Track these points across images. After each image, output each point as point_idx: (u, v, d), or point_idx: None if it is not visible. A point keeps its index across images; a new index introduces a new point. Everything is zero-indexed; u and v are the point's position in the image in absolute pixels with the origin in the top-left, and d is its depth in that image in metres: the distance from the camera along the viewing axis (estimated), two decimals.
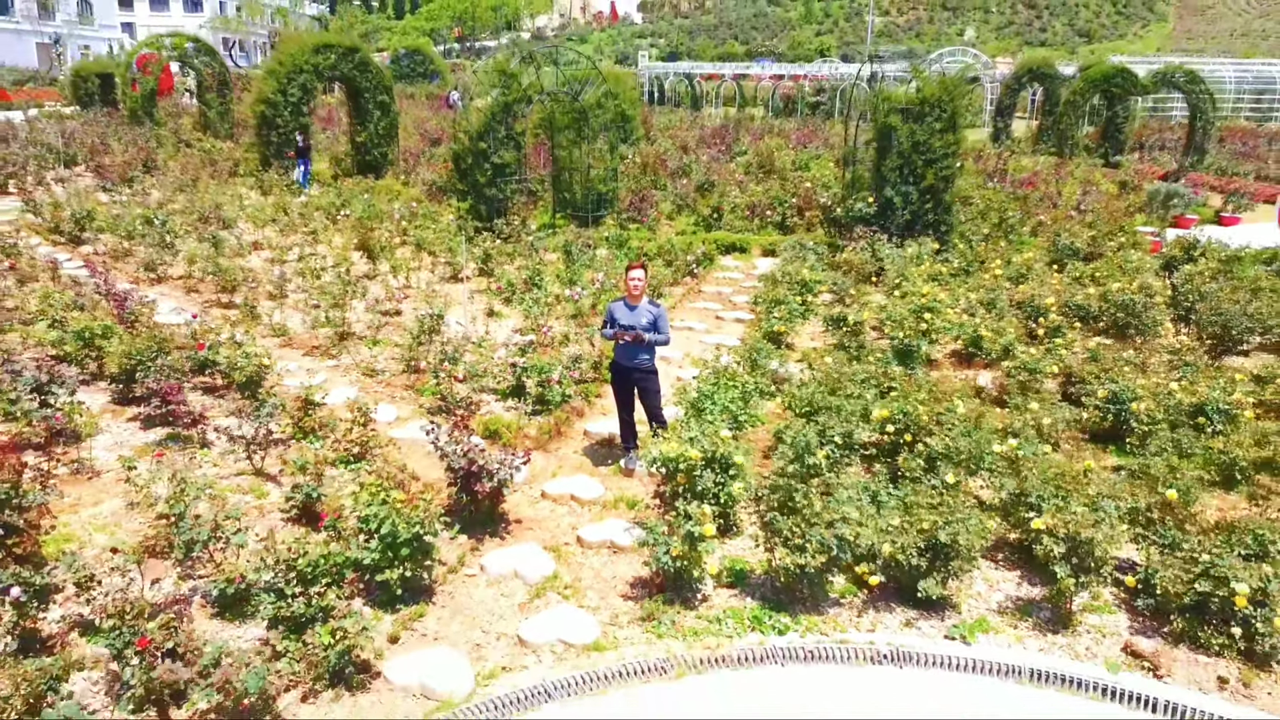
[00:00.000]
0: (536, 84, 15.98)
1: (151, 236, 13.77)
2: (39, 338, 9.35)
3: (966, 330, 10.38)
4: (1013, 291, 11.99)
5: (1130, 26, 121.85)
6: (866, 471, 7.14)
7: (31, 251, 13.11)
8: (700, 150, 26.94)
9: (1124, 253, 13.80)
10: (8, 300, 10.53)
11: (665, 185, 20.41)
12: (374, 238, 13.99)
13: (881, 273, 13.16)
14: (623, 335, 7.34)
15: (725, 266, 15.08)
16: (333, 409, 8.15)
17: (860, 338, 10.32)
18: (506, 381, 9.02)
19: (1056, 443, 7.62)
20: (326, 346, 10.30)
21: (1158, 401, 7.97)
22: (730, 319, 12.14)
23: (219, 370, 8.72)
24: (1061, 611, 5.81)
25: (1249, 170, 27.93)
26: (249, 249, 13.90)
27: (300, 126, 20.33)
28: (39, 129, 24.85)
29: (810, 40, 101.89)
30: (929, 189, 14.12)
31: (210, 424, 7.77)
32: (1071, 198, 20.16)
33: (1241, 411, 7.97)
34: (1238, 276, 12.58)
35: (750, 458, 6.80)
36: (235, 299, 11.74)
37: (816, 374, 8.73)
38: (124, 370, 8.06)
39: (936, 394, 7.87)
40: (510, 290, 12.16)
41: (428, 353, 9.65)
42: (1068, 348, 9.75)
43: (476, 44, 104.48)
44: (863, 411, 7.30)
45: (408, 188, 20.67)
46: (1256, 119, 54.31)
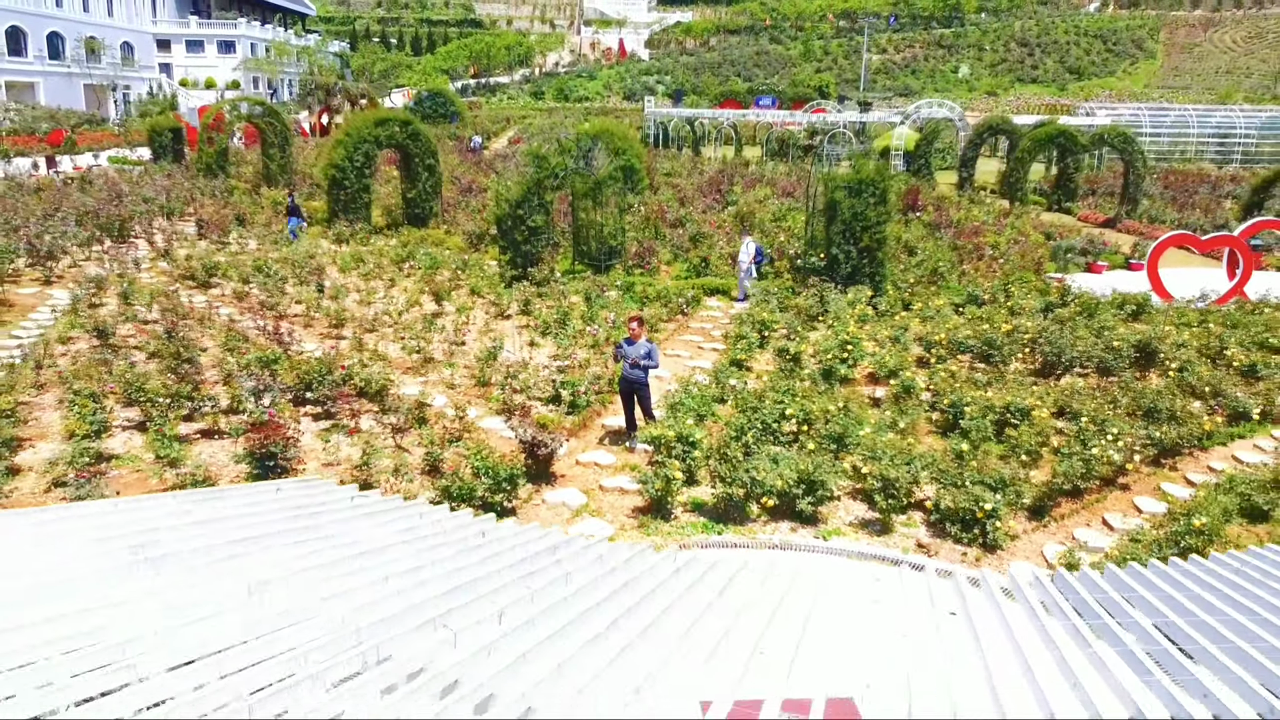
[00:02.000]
0: (562, 163, 20.28)
1: (266, 282, 18.03)
2: (223, 360, 13.53)
3: (875, 358, 14.53)
4: (920, 330, 16.15)
5: (1120, 64, 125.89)
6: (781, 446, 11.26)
7: (189, 297, 17.34)
8: (697, 199, 31.26)
9: (1014, 300, 17.97)
10: (192, 333, 14.73)
11: (665, 235, 24.63)
12: (438, 284, 18.24)
13: (825, 313, 17.33)
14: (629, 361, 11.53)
15: (709, 307, 19.28)
16: (439, 409, 12.32)
17: (800, 363, 14.48)
18: (548, 392, 13.18)
19: (910, 431, 11.74)
20: (416, 367, 14.48)
21: (980, 405, 12.10)
22: (709, 349, 16.32)
23: (354, 383, 12.89)
24: (885, 524, 9.92)
25: (1174, 218, 32.03)
26: (345, 292, 18.11)
27: (290, 185, 25.42)
28: (136, 183, 29.24)
29: (810, 78, 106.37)
30: (865, 248, 18.34)
31: (360, 418, 11.94)
32: (1002, 246, 24.35)
33: (1037, 411, 12.07)
34: (1095, 319, 16.72)
35: (707, 438, 10.94)
36: (344, 332, 15.95)
37: (758, 388, 12.88)
38: (302, 382, 12.25)
39: (839, 401, 12.00)
40: (545, 326, 16.36)
41: (491, 372, 13.83)
42: (946, 371, 13.89)
43: (491, 80, 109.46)
44: (781, 411, 11.44)
45: (450, 235, 24.97)
46: (1219, 161, 58.28)
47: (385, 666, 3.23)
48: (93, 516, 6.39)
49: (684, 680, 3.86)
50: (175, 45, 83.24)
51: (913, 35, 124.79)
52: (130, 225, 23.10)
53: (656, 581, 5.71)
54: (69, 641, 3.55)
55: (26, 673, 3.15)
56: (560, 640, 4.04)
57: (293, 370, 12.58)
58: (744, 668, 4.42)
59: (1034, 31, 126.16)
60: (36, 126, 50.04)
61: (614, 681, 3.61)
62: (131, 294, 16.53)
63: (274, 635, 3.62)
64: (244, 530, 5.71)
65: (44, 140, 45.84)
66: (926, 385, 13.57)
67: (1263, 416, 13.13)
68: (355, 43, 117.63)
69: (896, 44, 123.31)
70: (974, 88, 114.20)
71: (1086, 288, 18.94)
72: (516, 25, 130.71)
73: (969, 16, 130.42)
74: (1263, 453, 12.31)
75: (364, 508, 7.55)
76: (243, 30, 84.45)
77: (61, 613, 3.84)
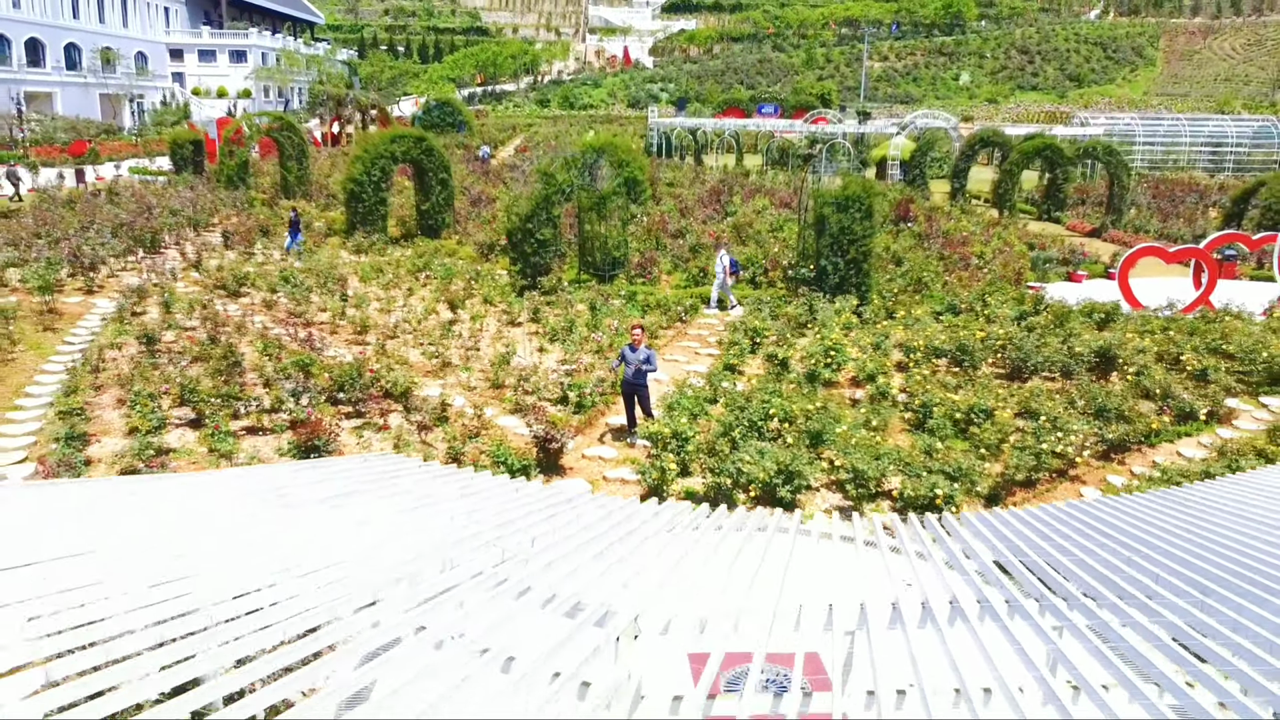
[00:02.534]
0: (569, 180, 21.60)
1: (293, 291, 19.37)
2: (260, 364, 14.86)
3: (857, 363, 15.82)
4: (900, 337, 17.43)
5: (1119, 71, 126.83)
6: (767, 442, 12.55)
7: (223, 306, 18.69)
8: (698, 210, 32.59)
9: (990, 308, 19.25)
10: (230, 340, 16.07)
11: (666, 246, 25.94)
12: (453, 293, 19.57)
13: (814, 321, 18.62)
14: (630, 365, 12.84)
15: (706, 314, 20.57)
16: (459, 409, 13.64)
17: (787, 368, 15.78)
18: (556, 394, 14.49)
19: (882, 429, 13.02)
20: (435, 371, 15.80)
21: (946, 406, 13.38)
22: (705, 354, 17.62)
23: (381, 385, 14.20)
24: (856, 510, 11.21)
25: (1158, 228, 33.25)
26: (367, 301, 19.43)
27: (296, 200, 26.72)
28: (161, 194, 30.64)
29: (812, 86, 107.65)
30: (852, 260, 19.63)
31: (388, 416, 13.25)
32: (988, 256, 25.63)
33: (1000, 412, 13.34)
34: (1065, 326, 17.99)
35: (700, 434, 12.24)
36: (367, 339, 17.28)
37: (746, 389, 14.18)
38: (335, 384, 13.57)
39: (818, 402, 13.29)
40: (554, 333, 17.67)
41: (504, 375, 15.14)
42: (920, 374, 15.17)
43: (497, 88, 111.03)
44: (765, 410, 12.73)
45: (462, 246, 26.32)
46: (1212, 170, 59.42)
47: (454, 572, 4.55)
48: (231, 479, 7.84)
49: (657, 579, 5.21)
50: (188, 55, 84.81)
51: (914, 43, 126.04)
52: (161, 236, 24.46)
53: (641, 522, 7.10)
54: (256, 550, 4.91)
55: (259, 569, 4.45)
56: (574, 555, 5.42)
57: (325, 373, 13.91)
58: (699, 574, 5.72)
59: (1034, 39, 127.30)
60: (57, 137, 51.52)
61: (611, 580, 4.94)
62: (172, 303, 17.87)
63: (376, 554, 4.98)
64: (345, 487, 7.20)
65: (65, 150, 47.32)
66: (902, 388, 14.86)
67: (1209, 416, 14.39)
68: (363, 51, 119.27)
69: (898, 51, 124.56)
70: (974, 95, 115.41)
71: (1061, 297, 20.22)
72: (522, 33, 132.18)
73: (970, 24, 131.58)
74: (1205, 449, 13.57)
75: (429, 472, 9.08)
76: (254, 40, 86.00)
77: (244, 532, 5.29)
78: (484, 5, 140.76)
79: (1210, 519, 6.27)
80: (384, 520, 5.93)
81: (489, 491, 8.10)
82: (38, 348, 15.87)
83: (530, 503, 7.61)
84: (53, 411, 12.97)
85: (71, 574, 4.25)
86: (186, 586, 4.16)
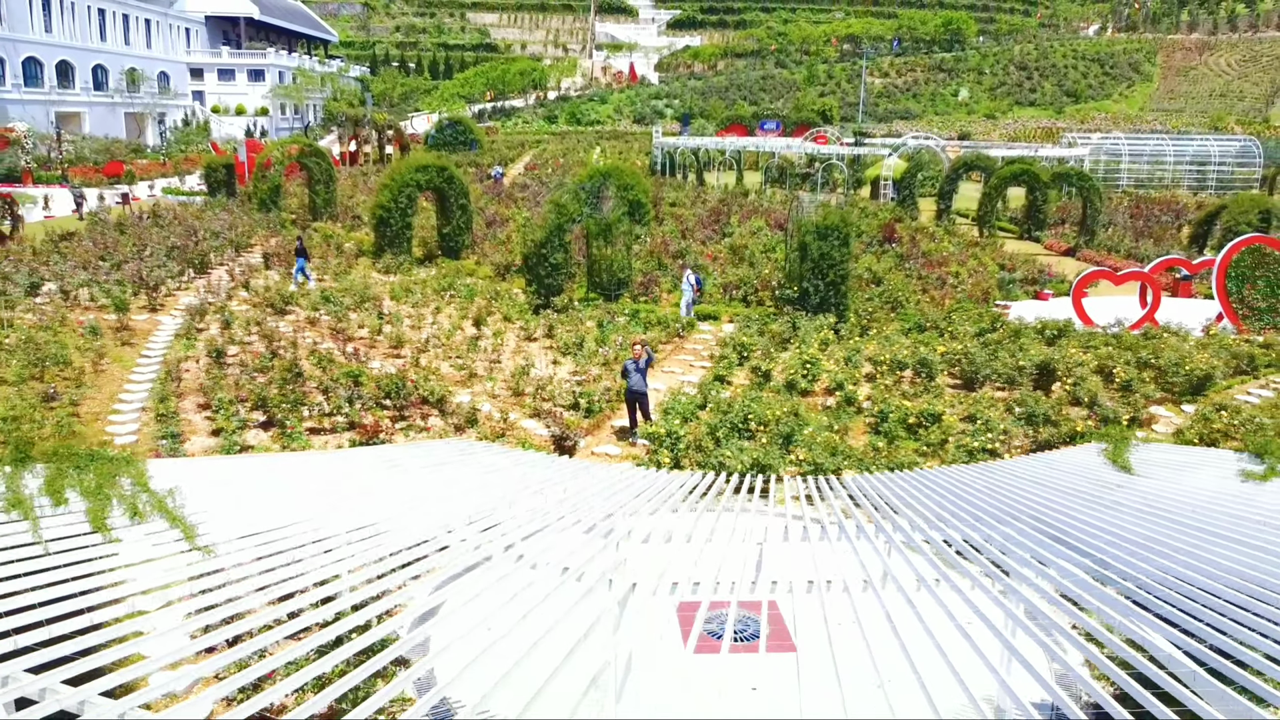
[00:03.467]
0: (578, 210, 24.05)
1: (335, 310, 21.82)
2: (315, 374, 17.28)
3: (831, 375, 18.20)
4: (871, 351, 19.81)
5: (1116, 87, 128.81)
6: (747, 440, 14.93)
7: (274, 322, 21.15)
8: (698, 230, 35.04)
9: (954, 325, 21.62)
10: (287, 354, 18.51)
11: (667, 266, 28.35)
12: (476, 312, 22.02)
13: (796, 337, 21.00)
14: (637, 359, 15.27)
15: (702, 330, 22.98)
16: (487, 413, 16.06)
17: (770, 379, 18.16)
18: (569, 400, 16.89)
19: (844, 431, 15.39)
20: (463, 380, 18.22)
21: (900, 412, 15.76)
22: (699, 366, 20.02)
23: (420, 393, 16.62)
24: (820, 496, 13.57)
25: (1128, 248, 35.57)
26: (399, 318, 21.86)
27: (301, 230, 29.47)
28: (200, 216, 33.21)
29: (813, 102, 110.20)
30: (831, 283, 22.04)
31: (428, 419, 15.67)
32: (963, 276, 28.01)
33: (947, 417, 15.70)
34: (1018, 342, 20.35)
35: (690, 434, 14.62)
36: (402, 352, 19.71)
37: (731, 397, 16.58)
38: (382, 392, 16.00)
39: (791, 407, 15.66)
40: (566, 347, 20.09)
41: (524, 384, 17.55)
42: (883, 385, 17.54)
43: (506, 104, 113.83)
44: (745, 414, 15.12)
45: (480, 266, 28.78)
46: (1195, 188, 61.69)
47: (515, 509, 6.95)
48: (352, 455, 10.44)
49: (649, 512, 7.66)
50: (208, 74, 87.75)
51: (914, 59, 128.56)
52: (208, 258, 26.97)
53: (638, 478, 9.58)
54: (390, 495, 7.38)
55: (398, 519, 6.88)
56: (592, 498, 7.89)
57: (373, 383, 16.35)
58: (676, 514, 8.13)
59: (1033, 55, 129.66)
60: (91, 157, 54.19)
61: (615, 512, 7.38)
62: (231, 321, 20.34)
63: (464, 498, 7.46)
64: (436, 459, 9.81)
65: (99, 171, 50.01)
66: (868, 396, 17.24)
67: (1130, 421, 16.72)
68: (375, 67, 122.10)
69: (898, 68, 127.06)
70: (973, 110, 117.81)
71: (1020, 315, 22.60)
72: (530, 50, 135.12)
73: (969, 41, 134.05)
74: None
75: (492, 451, 11.66)
76: (272, 60, 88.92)
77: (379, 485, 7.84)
78: (493, 22, 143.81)
79: (1009, 482, 8.71)
80: (467, 479, 8.39)
81: (534, 463, 10.67)
82: (120, 360, 18.34)
83: (562, 469, 10.14)
84: (148, 415, 15.43)
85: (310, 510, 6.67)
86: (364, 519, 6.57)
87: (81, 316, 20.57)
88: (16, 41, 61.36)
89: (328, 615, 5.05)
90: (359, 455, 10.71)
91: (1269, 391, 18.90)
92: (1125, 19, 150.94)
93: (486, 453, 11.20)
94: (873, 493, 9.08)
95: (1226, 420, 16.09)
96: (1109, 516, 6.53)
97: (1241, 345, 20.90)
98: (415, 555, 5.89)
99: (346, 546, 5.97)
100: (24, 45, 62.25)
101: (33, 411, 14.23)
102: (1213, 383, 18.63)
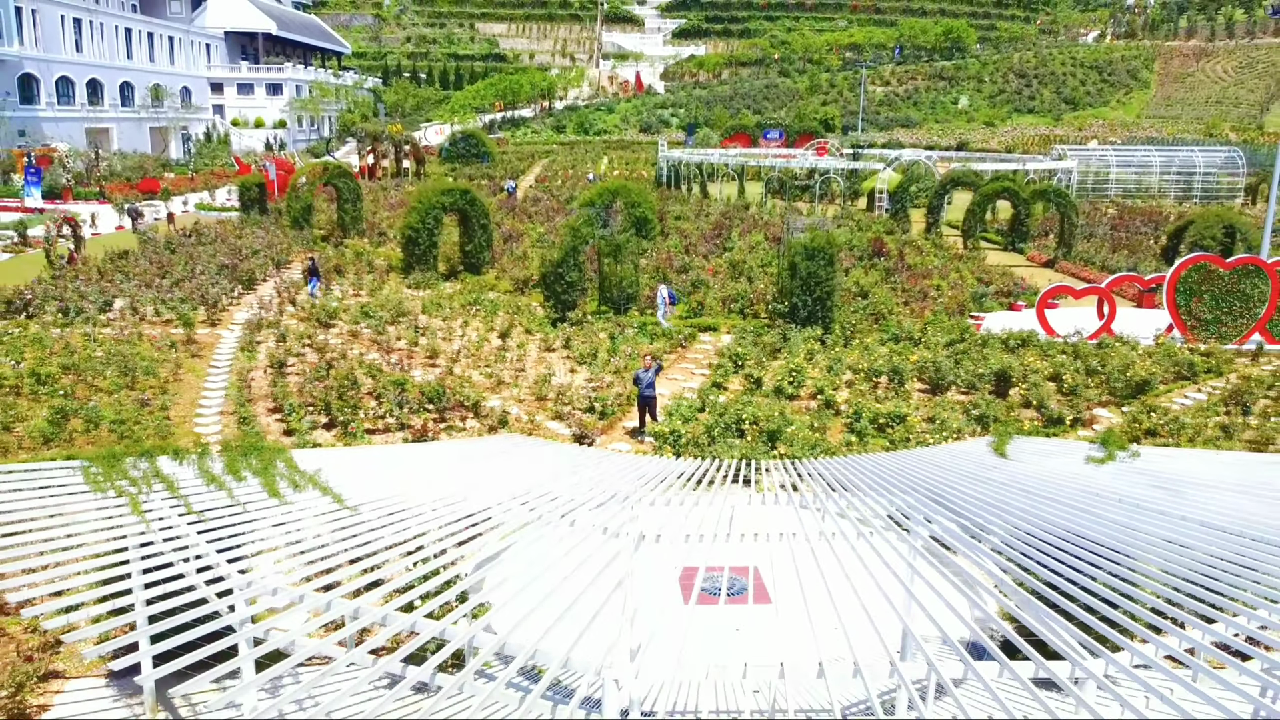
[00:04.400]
0: (592, 233, 26.69)
1: (374, 324, 24.47)
2: (364, 382, 19.91)
3: (815, 381, 20.78)
4: (852, 360, 22.38)
5: (1114, 94, 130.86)
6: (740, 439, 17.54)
7: (325, 337, 23.81)
8: (701, 245, 37.64)
9: (928, 337, 24.18)
10: (349, 365, 21.15)
11: (671, 280, 30.92)
12: (500, 325, 24.67)
13: (786, 347, 23.58)
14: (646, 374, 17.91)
15: (702, 341, 25.58)
16: (515, 415, 18.68)
17: (760, 385, 20.75)
18: (586, 404, 19.49)
19: (822, 430, 17.96)
20: (492, 387, 20.84)
21: (871, 413, 18.34)
22: (699, 374, 22.61)
23: (457, 398, 19.24)
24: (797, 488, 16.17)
25: (1102, 260, 38.06)
26: (432, 331, 24.48)
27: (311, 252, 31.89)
28: (238, 234, 35.94)
29: (815, 110, 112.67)
30: (818, 298, 24.63)
31: (466, 420, 18.29)
32: (944, 289, 30.55)
33: (911, 417, 18.25)
34: (984, 351, 22.89)
35: (690, 433, 17.22)
36: (437, 362, 22.34)
37: (726, 401, 19.19)
38: (425, 397, 18.64)
39: (777, 410, 18.24)
40: (581, 357, 22.70)
41: (546, 390, 20.16)
42: (858, 390, 20.10)
43: (515, 113, 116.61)
44: (738, 415, 17.72)
45: (499, 281, 31.44)
46: (1181, 197, 64.07)
47: (556, 484, 9.58)
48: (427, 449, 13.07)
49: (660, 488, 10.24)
50: (228, 88, 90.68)
51: (915, 67, 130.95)
52: (254, 274, 29.69)
53: (648, 465, 12.16)
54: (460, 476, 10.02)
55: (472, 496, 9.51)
56: (612, 476, 10.51)
57: (418, 390, 18.99)
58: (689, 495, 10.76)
59: (1031, 63, 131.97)
60: (125, 173, 57.01)
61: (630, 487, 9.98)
62: (286, 335, 23.01)
63: (518, 476, 10.07)
64: (495, 450, 12.37)
65: (135, 188, 52.81)
66: (846, 400, 19.82)
67: (1074, 421, 19.27)
68: (387, 78, 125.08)
69: (899, 76, 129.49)
70: (973, 118, 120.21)
71: (990, 327, 25.17)
72: (539, 59, 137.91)
73: (969, 49, 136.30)
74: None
75: (537, 444, 14.28)
76: (289, 74, 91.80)
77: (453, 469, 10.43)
78: (501, 32, 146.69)
79: (919, 466, 11.32)
80: (518, 463, 11.01)
81: (569, 452, 13.29)
82: (193, 371, 21.03)
83: (590, 455, 12.79)
84: (227, 418, 18.10)
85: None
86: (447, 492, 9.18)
87: (151, 331, 23.27)
88: (50, 62, 64.30)
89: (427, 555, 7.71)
90: (438, 447, 13.40)
91: (1203, 395, 21.47)
92: (1125, 25, 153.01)
93: (531, 445, 13.82)
94: (826, 474, 11.63)
95: (1155, 420, 18.67)
96: (982, 489, 9.10)
97: (1184, 353, 23.47)
98: (490, 514, 8.53)
99: (436, 510, 8.58)
100: (57, 65, 65.20)
101: (136, 415, 16.90)
102: (1152, 387, 21.17)
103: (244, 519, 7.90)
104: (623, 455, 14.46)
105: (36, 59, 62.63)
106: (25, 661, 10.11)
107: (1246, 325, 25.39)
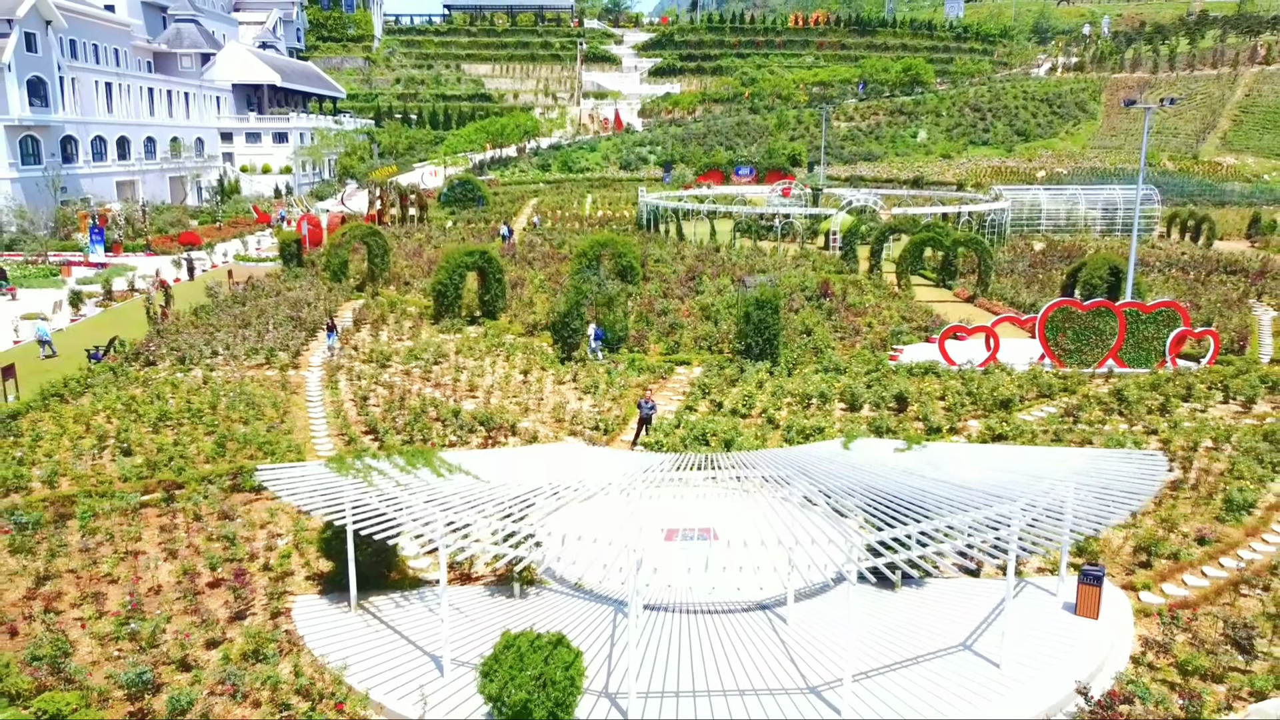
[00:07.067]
0: (590, 287, 33.80)
1: (421, 364, 31.40)
2: (436, 412, 26.81)
3: (762, 404, 27.88)
4: (791, 388, 29.50)
5: (1063, 125, 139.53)
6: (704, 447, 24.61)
7: (390, 377, 30.68)
8: (677, 288, 44.83)
9: (851, 367, 31.39)
10: (420, 397, 28.01)
11: (652, 322, 38.02)
12: (521, 363, 31.72)
13: (742, 377, 30.67)
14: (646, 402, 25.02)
15: (678, 374, 32.64)
16: (543, 434, 25.66)
17: (721, 408, 27.86)
18: (593, 424, 26.47)
19: (763, 440, 25.03)
20: (520, 413, 27.80)
21: (799, 426, 25.46)
22: (675, 399, 29.67)
23: (498, 422, 26.16)
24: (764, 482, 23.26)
25: (1011, 296, 45.45)
26: (471, 370, 31.35)
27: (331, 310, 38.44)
28: (286, 286, 42.82)
29: (784, 146, 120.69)
30: (767, 339, 31.82)
31: (509, 439, 25.25)
32: (875, 326, 37.81)
33: (828, 429, 25.35)
34: (891, 378, 30.08)
35: (668, 442, 24.27)
36: (476, 394, 29.28)
37: (696, 419, 26.28)
38: (478, 421, 25.59)
39: (733, 425, 25.33)
40: (586, 388, 29.73)
41: (562, 414, 27.15)
42: (794, 410, 27.22)
43: (501, 153, 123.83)
44: (703, 429, 24.78)
45: (512, 325, 38.47)
46: (1104, 231, 71.92)
47: (593, 476, 16.50)
48: (514, 451, 20.05)
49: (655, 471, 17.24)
50: (236, 137, 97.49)
51: (876, 103, 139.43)
52: (316, 323, 36.61)
53: (643, 458, 19.17)
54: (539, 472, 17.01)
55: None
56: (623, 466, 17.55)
57: (470, 415, 25.96)
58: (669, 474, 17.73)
59: (985, 97, 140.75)
60: (165, 228, 63.64)
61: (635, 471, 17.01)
62: (360, 375, 29.93)
63: (570, 469, 17.08)
64: (560, 455, 19.34)
65: (178, 240, 59.45)
66: (784, 418, 26.92)
67: (950, 430, 26.42)
68: (379, 119, 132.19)
69: (862, 111, 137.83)
70: (930, 151, 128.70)
71: (908, 358, 32.44)
72: (522, 99, 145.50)
73: (929, 85, 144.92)
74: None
75: (580, 447, 21.24)
76: (294, 123, 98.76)
77: (538, 465, 17.44)
78: (486, 73, 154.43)
79: (800, 456, 18.47)
80: (571, 460, 18.02)
81: (602, 453, 20.30)
82: (295, 405, 27.90)
83: (608, 453, 19.82)
84: (334, 439, 24.97)
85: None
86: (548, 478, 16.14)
87: (250, 373, 30.13)
88: (87, 124, 71.03)
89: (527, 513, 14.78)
90: (525, 451, 20.46)
91: (1054, 408, 28.75)
92: (1074, 56, 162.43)
93: (579, 446, 20.81)
94: (747, 461, 18.67)
95: (1006, 428, 25.91)
96: (831, 468, 16.18)
97: (1047, 377, 30.81)
98: (561, 490, 15.56)
99: (531, 487, 15.55)
100: (93, 126, 71.93)
101: (274, 438, 23.79)
102: (1014, 403, 28.43)
103: (426, 488, 14.90)
104: (626, 453, 21.56)
105: (76, 122, 69.36)
106: (275, 582, 17.03)
107: (1101, 354, 32.79)
